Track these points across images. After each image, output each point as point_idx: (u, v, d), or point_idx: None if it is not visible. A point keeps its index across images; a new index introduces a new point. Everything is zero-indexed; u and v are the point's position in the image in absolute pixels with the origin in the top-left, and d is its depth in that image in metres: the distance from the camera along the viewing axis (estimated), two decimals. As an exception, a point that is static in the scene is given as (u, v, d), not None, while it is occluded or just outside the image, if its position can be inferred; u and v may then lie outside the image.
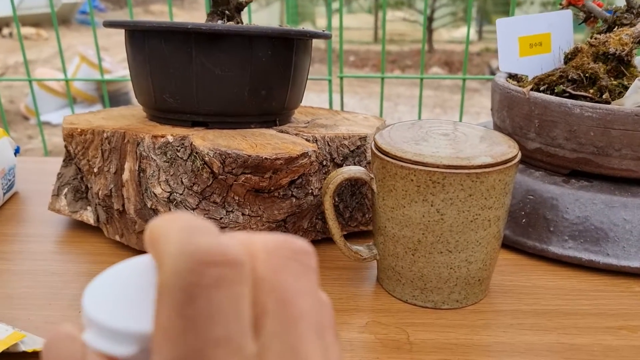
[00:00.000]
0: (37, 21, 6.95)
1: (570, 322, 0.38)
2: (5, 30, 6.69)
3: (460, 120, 0.81)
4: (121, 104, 3.56)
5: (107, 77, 3.31)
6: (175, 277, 0.14)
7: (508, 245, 0.47)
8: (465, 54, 0.73)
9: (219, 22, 0.50)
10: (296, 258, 0.16)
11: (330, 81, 0.79)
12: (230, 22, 0.50)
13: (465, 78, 0.77)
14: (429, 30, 5.92)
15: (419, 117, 0.83)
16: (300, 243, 0.17)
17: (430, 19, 5.93)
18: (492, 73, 4.54)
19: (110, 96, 3.39)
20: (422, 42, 0.72)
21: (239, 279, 0.15)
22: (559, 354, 0.35)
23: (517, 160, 0.37)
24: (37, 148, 2.99)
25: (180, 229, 0.15)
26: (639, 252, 0.42)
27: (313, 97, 3.86)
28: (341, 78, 0.79)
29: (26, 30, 6.37)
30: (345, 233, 0.48)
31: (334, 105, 2.73)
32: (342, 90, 0.80)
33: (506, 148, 0.37)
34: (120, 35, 0.46)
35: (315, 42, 0.49)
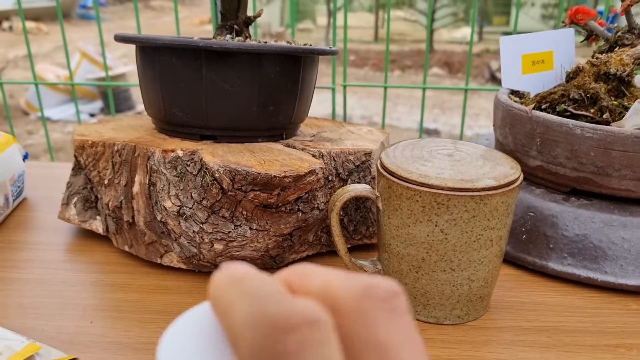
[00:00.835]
0: (37, 15, 6.94)
1: (570, 339, 0.39)
2: (5, 24, 6.67)
3: (462, 128, 0.82)
4: (121, 100, 3.56)
5: (108, 73, 3.31)
6: (259, 349, 0.14)
7: (509, 260, 0.48)
8: (467, 66, 0.74)
9: (228, 36, 0.51)
10: (387, 306, 0.15)
11: (333, 90, 0.80)
12: (239, 37, 0.51)
13: (467, 89, 0.78)
14: (430, 30, 5.93)
15: (421, 126, 0.84)
16: (386, 286, 0.15)
17: (431, 20, 5.94)
18: (492, 74, 4.55)
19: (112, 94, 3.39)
20: (425, 55, 0.73)
21: (324, 339, 0.14)
22: (558, 372, 0.36)
23: (519, 182, 0.38)
24: (37, 144, 2.99)
25: (247, 296, 0.15)
26: (636, 270, 0.43)
27: (314, 102, 3.87)
28: (344, 87, 0.80)
29: (27, 24, 6.37)
30: (349, 246, 0.49)
31: (337, 110, 2.73)
32: (345, 101, 0.81)
33: (508, 170, 0.38)
34: (121, 29, 0.47)
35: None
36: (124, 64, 4.01)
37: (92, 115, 3.53)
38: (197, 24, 7.68)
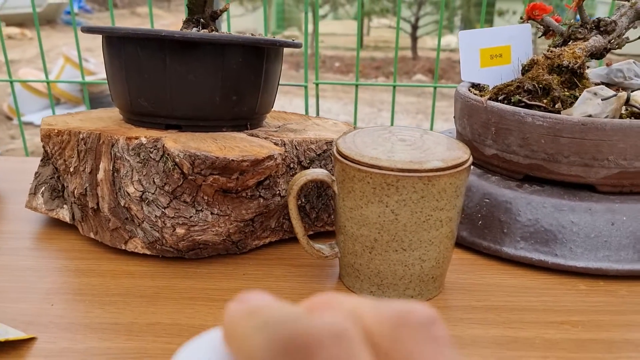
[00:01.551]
0: (21, 21, 6.90)
1: (517, 317, 0.40)
2: (-11, 30, 6.62)
3: (431, 126, 0.84)
4: (105, 105, 3.55)
5: (90, 78, 3.30)
6: None
7: (465, 245, 0.50)
8: (436, 63, 0.76)
9: (194, 29, 0.52)
10: (428, 334, 0.14)
11: (306, 87, 0.82)
12: (205, 30, 0.52)
13: (436, 86, 0.80)
14: (413, 37, 5.98)
15: (392, 124, 0.86)
16: (424, 311, 0.14)
17: (414, 27, 5.99)
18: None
19: (94, 97, 3.38)
20: (394, 56, 0.75)
21: (353, 353, 0.13)
22: (503, 346, 0.37)
23: (467, 165, 0.39)
24: (19, 148, 2.97)
25: (264, 325, 0.14)
26: (584, 252, 0.45)
27: (298, 102, 3.88)
28: (317, 84, 0.81)
29: (10, 30, 6.32)
30: (311, 233, 0.51)
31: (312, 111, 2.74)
32: (317, 97, 0.83)
33: (458, 153, 0.40)
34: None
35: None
36: (108, 69, 3.99)
37: (75, 120, 3.51)
38: (183, 31, 7.66)
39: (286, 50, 0.55)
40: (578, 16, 0.55)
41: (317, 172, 0.42)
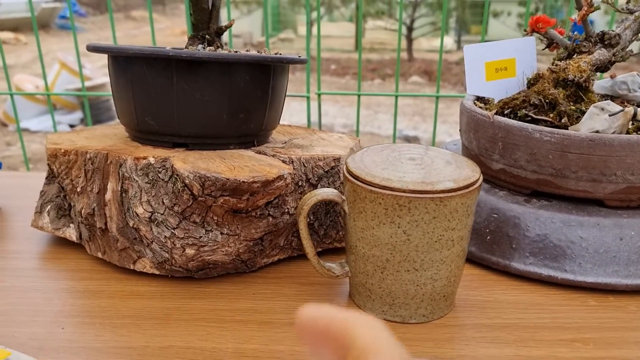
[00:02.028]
0: (15, 26, 6.88)
1: (529, 335, 0.41)
2: (-17, 35, 6.60)
3: (433, 141, 0.84)
4: (102, 111, 3.55)
5: (87, 84, 3.29)
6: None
7: (474, 261, 0.50)
8: (437, 73, 0.76)
9: (200, 46, 0.52)
10: None
11: (308, 98, 0.82)
12: (211, 47, 0.52)
13: (439, 96, 0.80)
14: (409, 39, 5.99)
15: (394, 133, 0.86)
16: None
17: (410, 29, 6.01)
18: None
19: (91, 104, 3.37)
20: (396, 70, 0.75)
21: None
22: (517, 366, 0.37)
23: (478, 184, 0.39)
24: (15, 155, 2.96)
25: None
26: (594, 267, 0.45)
27: (295, 105, 3.88)
28: (319, 95, 0.81)
29: (5, 35, 6.31)
30: (319, 250, 0.51)
31: (313, 118, 2.75)
32: (319, 108, 0.83)
33: (468, 172, 0.40)
34: (101, 40, 0.48)
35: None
36: (105, 74, 3.99)
37: (71, 126, 3.51)
38: (179, 34, 7.67)
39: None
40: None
41: (327, 192, 0.42)
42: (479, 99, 0.58)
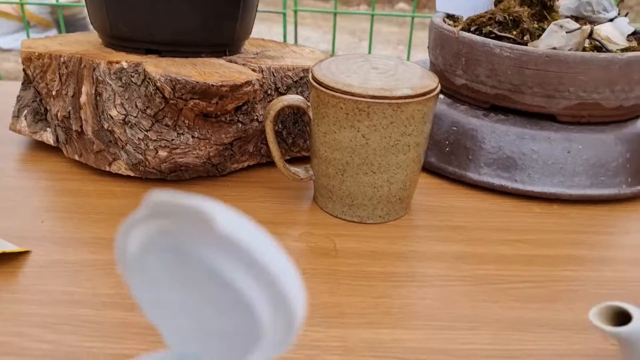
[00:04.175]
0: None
1: (475, 235, 0.44)
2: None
3: (408, 56, 0.86)
4: (78, 29, 3.44)
5: (62, 1, 3.18)
6: None
7: (432, 171, 0.53)
8: (414, -8, 0.76)
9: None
10: None
11: (284, 14, 0.82)
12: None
13: (414, 16, 0.81)
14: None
15: (369, 51, 0.87)
16: None
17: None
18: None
19: (67, 20, 3.26)
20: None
21: None
22: (461, 260, 0.41)
23: (435, 93, 0.41)
24: (-10, 73, 2.89)
25: None
26: (541, 178, 0.49)
27: (277, 29, 3.80)
28: (295, 12, 0.81)
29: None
30: (287, 158, 0.53)
31: (290, 38, 2.70)
32: (295, 24, 0.83)
33: (428, 82, 0.42)
34: None
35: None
36: (80, -10, 3.84)
37: (47, 44, 3.40)
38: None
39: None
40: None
41: (293, 98, 0.44)
42: (450, 17, 0.59)
